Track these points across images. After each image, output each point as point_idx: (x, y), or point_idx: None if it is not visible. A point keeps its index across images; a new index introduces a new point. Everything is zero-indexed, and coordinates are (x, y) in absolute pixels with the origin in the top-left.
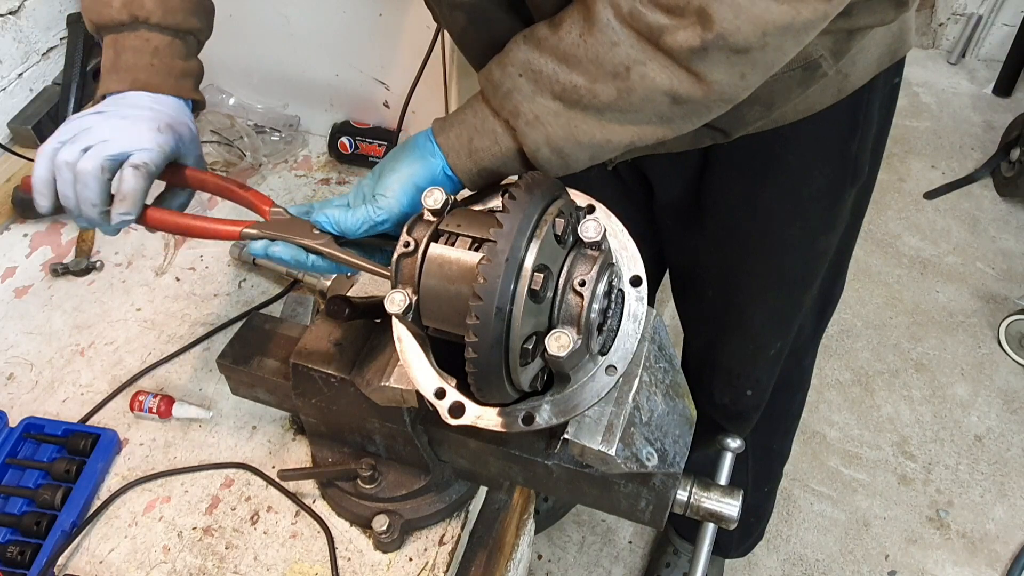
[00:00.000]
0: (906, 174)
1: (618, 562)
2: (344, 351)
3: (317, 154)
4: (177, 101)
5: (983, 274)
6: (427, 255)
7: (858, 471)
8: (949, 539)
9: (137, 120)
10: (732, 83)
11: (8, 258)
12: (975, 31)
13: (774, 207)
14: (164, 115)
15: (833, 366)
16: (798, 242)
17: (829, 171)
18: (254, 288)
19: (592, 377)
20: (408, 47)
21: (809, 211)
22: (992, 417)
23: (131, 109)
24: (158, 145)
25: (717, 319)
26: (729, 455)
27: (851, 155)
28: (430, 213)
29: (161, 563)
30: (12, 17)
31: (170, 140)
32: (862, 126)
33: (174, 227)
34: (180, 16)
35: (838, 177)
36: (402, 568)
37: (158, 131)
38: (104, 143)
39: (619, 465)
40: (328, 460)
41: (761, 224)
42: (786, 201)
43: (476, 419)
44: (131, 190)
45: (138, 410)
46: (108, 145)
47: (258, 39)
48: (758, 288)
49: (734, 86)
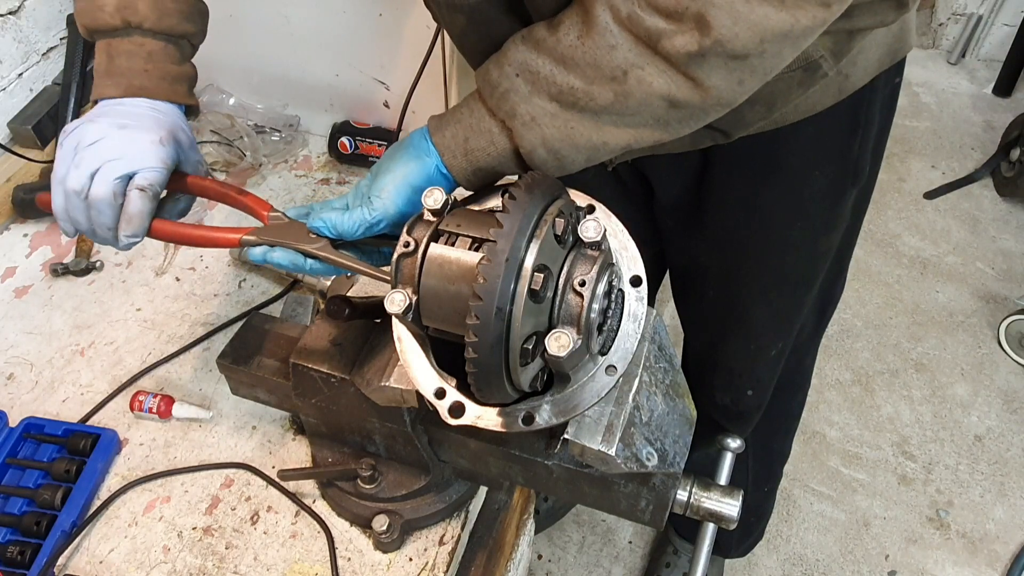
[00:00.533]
0: (906, 174)
1: (618, 562)
2: (344, 351)
3: (317, 154)
4: (173, 107)
5: (983, 274)
6: (427, 255)
7: (858, 471)
8: (949, 539)
9: (138, 132)
10: (730, 88)
11: (8, 258)
12: (975, 31)
13: (775, 208)
14: (163, 124)
15: (833, 366)
16: (799, 242)
17: (830, 171)
18: (254, 288)
19: (592, 377)
20: (408, 47)
21: (810, 211)
22: (992, 417)
23: (131, 120)
24: (161, 161)
25: (718, 319)
26: (729, 455)
27: (852, 155)
28: (430, 213)
29: (161, 563)
30: (12, 17)
31: (171, 152)
32: (863, 126)
33: (177, 237)
34: (174, 21)
35: (839, 177)
36: (402, 568)
37: (160, 144)
38: (110, 164)
39: (619, 465)
40: (328, 460)
41: (762, 225)
42: (787, 201)
43: (476, 419)
44: (137, 212)
45: (138, 410)
46: (114, 166)
47: (258, 39)
48: (759, 288)
49: (732, 91)
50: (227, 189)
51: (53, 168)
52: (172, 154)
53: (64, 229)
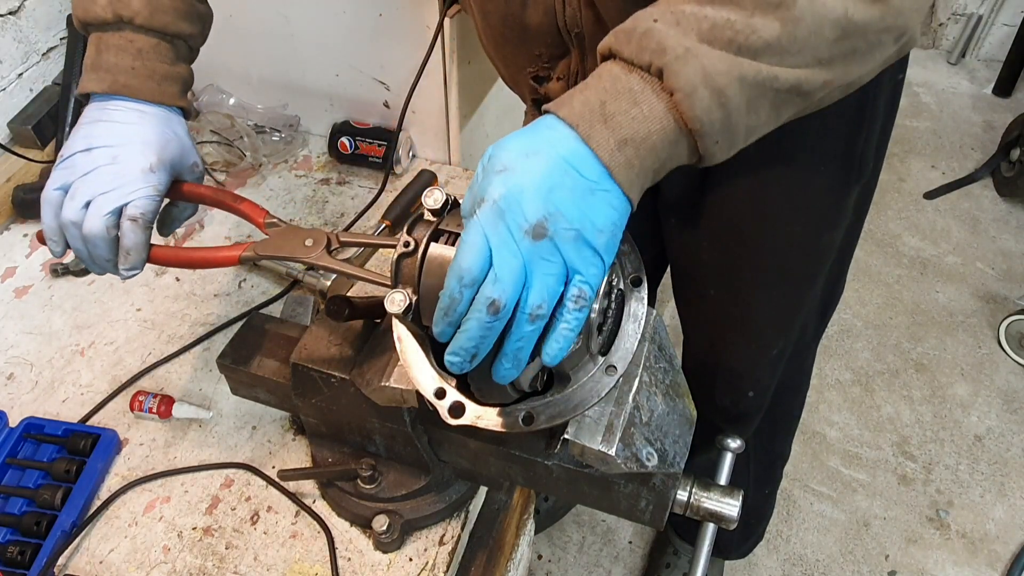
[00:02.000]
0: (906, 174)
1: (618, 562)
2: (344, 351)
3: (317, 154)
4: (163, 111)
5: (983, 274)
6: (427, 255)
7: (858, 471)
8: (949, 539)
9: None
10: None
11: (8, 258)
12: (975, 31)
13: (779, 204)
14: (152, 144)
15: (833, 366)
16: (801, 239)
17: (834, 168)
18: (254, 288)
19: (592, 377)
20: (408, 47)
21: (813, 207)
22: (992, 417)
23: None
24: (153, 188)
25: (719, 319)
26: (729, 455)
27: (856, 152)
28: (430, 213)
29: (161, 563)
30: (12, 17)
31: (163, 177)
32: (868, 122)
33: (177, 262)
34: (168, 19)
35: (843, 174)
36: (402, 568)
37: (150, 171)
38: (102, 196)
39: (619, 465)
40: (328, 460)
41: (765, 221)
42: (791, 197)
43: (476, 419)
44: (134, 244)
45: (138, 410)
46: (106, 199)
47: (258, 39)
48: (761, 286)
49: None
50: (222, 196)
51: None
52: (164, 178)
53: (52, 249)
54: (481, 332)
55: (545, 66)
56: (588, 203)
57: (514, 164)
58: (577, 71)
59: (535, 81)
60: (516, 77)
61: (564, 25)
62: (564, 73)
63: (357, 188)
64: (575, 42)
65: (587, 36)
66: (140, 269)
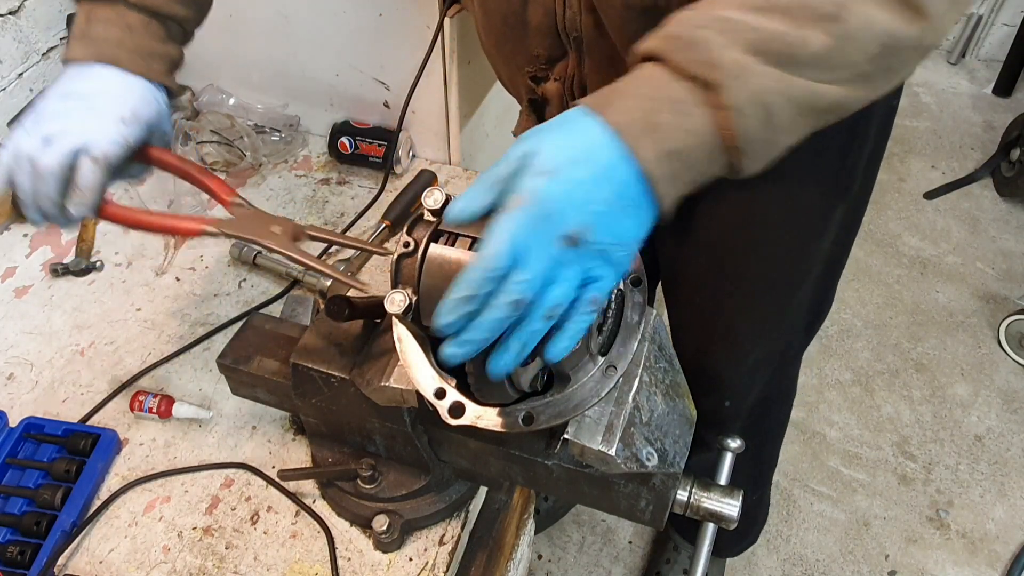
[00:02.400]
0: (906, 174)
1: (618, 562)
2: (344, 351)
3: (317, 154)
4: (144, 82)
5: (983, 274)
6: (427, 255)
7: (858, 471)
8: (949, 539)
9: (102, 107)
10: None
11: (8, 258)
12: (975, 31)
13: (767, 215)
14: (129, 100)
15: (833, 366)
16: (784, 252)
17: (823, 180)
18: (254, 288)
19: (592, 377)
20: (408, 47)
21: (798, 222)
22: (992, 417)
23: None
24: (122, 137)
25: (704, 327)
26: (729, 455)
27: (846, 166)
28: (430, 213)
29: (161, 563)
30: (12, 17)
31: (134, 131)
32: (859, 139)
33: (132, 222)
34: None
35: (831, 187)
36: (402, 568)
37: (122, 122)
38: (66, 134)
39: (619, 465)
40: (328, 460)
41: (752, 230)
42: (779, 209)
43: (476, 419)
44: (87, 184)
45: (138, 410)
46: (70, 138)
47: (258, 39)
48: (741, 295)
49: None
50: (188, 167)
51: None
52: (135, 132)
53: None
54: (497, 325)
55: (543, 67)
56: (623, 222)
57: (560, 170)
58: (574, 74)
59: (533, 81)
60: (514, 76)
61: (563, 27)
62: (561, 75)
63: (357, 188)
64: (573, 45)
65: (585, 41)
66: (88, 213)
